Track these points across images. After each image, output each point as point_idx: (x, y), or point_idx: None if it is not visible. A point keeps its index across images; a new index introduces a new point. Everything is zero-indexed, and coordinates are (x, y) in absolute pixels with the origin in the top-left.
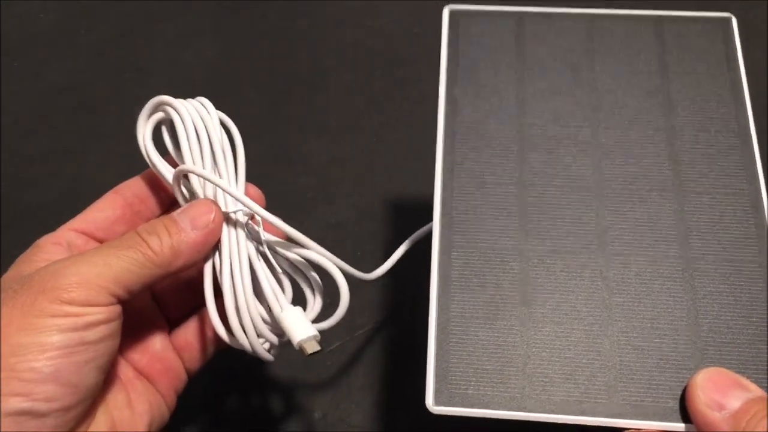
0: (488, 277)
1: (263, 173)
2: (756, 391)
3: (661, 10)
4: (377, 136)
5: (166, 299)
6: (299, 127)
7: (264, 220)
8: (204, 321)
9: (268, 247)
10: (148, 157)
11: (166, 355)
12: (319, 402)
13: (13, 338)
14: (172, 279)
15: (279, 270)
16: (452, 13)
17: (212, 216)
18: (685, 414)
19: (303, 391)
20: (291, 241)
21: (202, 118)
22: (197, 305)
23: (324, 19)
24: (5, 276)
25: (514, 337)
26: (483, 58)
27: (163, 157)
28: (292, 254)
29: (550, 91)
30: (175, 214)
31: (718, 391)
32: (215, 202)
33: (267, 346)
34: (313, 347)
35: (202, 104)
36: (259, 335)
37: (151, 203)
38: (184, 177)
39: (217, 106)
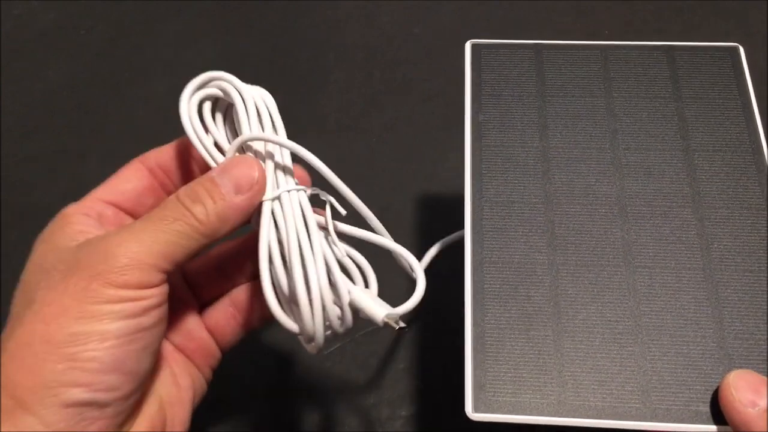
0: (520, 289)
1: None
2: None
3: (671, 41)
4: (377, 136)
5: (197, 281)
6: (299, 127)
7: (336, 201)
8: (234, 303)
9: (333, 230)
10: (194, 130)
11: (199, 334)
12: (320, 403)
13: (72, 327)
14: (203, 262)
15: (343, 252)
16: (474, 46)
17: (256, 175)
18: (717, 417)
19: (304, 392)
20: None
21: (260, 97)
22: (226, 288)
23: (324, 19)
24: (39, 251)
25: (548, 346)
26: (505, 86)
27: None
28: (353, 233)
29: (571, 116)
30: (215, 174)
31: (751, 389)
32: (256, 160)
33: (329, 333)
34: (398, 322)
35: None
36: (326, 320)
37: (175, 176)
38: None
39: None
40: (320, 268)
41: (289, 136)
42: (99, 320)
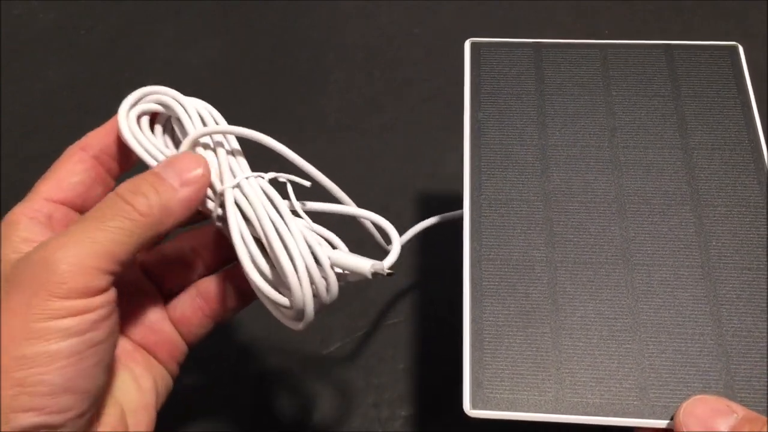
0: (518, 287)
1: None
2: (739, 411)
3: (670, 40)
4: (377, 136)
5: (157, 272)
6: (299, 127)
7: (299, 177)
8: (201, 294)
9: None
10: (137, 141)
11: (161, 326)
12: (320, 403)
13: (19, 350)
14: (161, 254)
15: (313, 227)
16: (473, 45)
17: (201, 169)
18: None
19: (303, 392)
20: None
21: (202, 106)
22: (190, 278)
23: (324, 19)
24: None
25: (546, 343)
26: (504, 84)
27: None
28: (319, 208)
29: (570, 115)
30: (159, 168)
31: (702, 424)
32: (200, 155)
33: (317, 305)
34: (386, 270)
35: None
36: (314, 292)
37: (122, 159)
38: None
39: (217, 106)
40: (301, 244)
41: (290, 136)
42: (46, 340)
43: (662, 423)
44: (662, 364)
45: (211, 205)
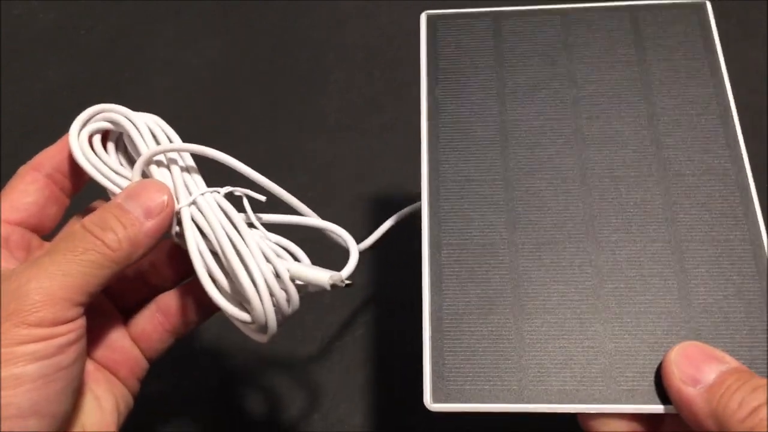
0: (479, 272)
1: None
2: (731, 362)
3: (634, 0)
4: (377, 136)
5: (116, 289)
6: (299, 127)
7: (253, 191)
8: (161, 310)
9: (256, 219)
10: (90, 162)
11: (122, 344)
12: (317, 403)
13: None
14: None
15: (270, 238)
16: (429, 17)
17: (165, 198)
18: None
19: (301, 392)
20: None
21: (152, 120)
22: (147, 294)
23: (324, 19)
24: None
25: (508, 330)
26: (462, 58)
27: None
28: (279, 220)
29: (530, 86)
30: (122, 200)
31: (693, 365)
32: (162, 183)
33: (280, 317)
34: (343, 281)
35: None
36: (274, 305)
37: (75, 177)
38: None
39: (217, 106)
40: (259, 259)
41: (290, 136)
42: (14, 364)
43: (629, 408)
44: (628, 347)
45: None
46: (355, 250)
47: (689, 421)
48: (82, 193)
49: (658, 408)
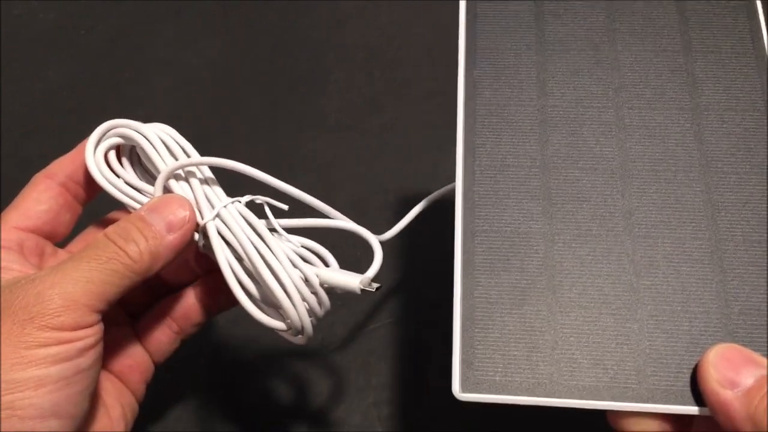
0: (513, 261)
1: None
2: None
3: None
4: (377, 136)
5: (125, 295)
6: (299, 127)
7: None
8: (169, 313)
9: (279, 225)
10: (109, 181)
11: (133, 350)
12: (321, 404)
13: (8, 374)
14: None
15: (297, 244)
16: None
17: (187, 214)
18: None
19: (304, 393)
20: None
21: (162, 131)
22: (156, 297)
23: (324, 19)
24: None
25: (541, 323)
26: (502, 40)
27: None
28: (303, 224)
29: (572, 72)
30: (145, 213)
31: (731, 368)
32: (184, 197)
33: (314, 320)
34: (371, 284)
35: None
36: (307, 309)
37: (88, 185)
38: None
39: (217, 106)
40: (287, 266)
41: (290, 136)
42: (35, 365)
43: (663, 408)
44: (663, 345)
45: (195, 236)
46: (379, 250)
47: (724, 424)
48: (95, 200)
49: (693, 409)
